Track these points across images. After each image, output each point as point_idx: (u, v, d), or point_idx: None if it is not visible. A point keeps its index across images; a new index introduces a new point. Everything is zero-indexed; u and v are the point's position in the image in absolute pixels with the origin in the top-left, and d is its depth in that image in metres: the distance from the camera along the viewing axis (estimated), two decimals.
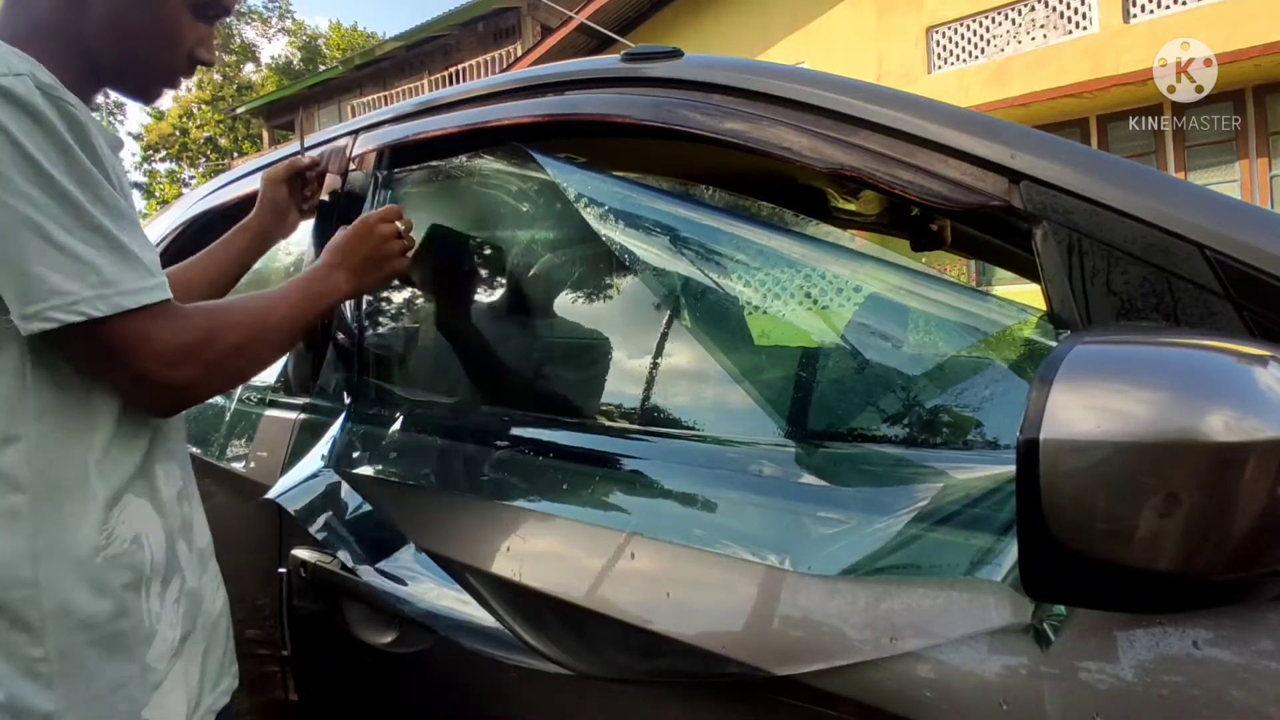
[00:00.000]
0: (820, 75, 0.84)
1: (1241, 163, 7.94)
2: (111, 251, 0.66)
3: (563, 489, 0.87)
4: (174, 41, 0.79)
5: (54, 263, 0.63)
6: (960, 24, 8.91)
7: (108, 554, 0.71)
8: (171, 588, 0.77)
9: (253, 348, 0.77)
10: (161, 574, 0.75)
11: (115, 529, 0.71)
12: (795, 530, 0.70)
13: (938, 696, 0.56)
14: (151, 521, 0.75)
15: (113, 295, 0.65)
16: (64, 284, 0.63)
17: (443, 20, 15.33)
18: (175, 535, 0.78)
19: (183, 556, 0.79)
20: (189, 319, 0.71)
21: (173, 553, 0.77)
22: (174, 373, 0.69)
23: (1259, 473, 0.44)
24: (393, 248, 0.96)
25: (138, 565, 0.73)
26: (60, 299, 0.63)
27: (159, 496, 0.77)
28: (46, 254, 0.63)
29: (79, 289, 0.64)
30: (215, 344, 0.72)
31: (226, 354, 0.74)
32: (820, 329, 0.83)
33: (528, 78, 1.08)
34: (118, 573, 0.71)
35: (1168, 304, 0.60)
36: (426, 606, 0.87)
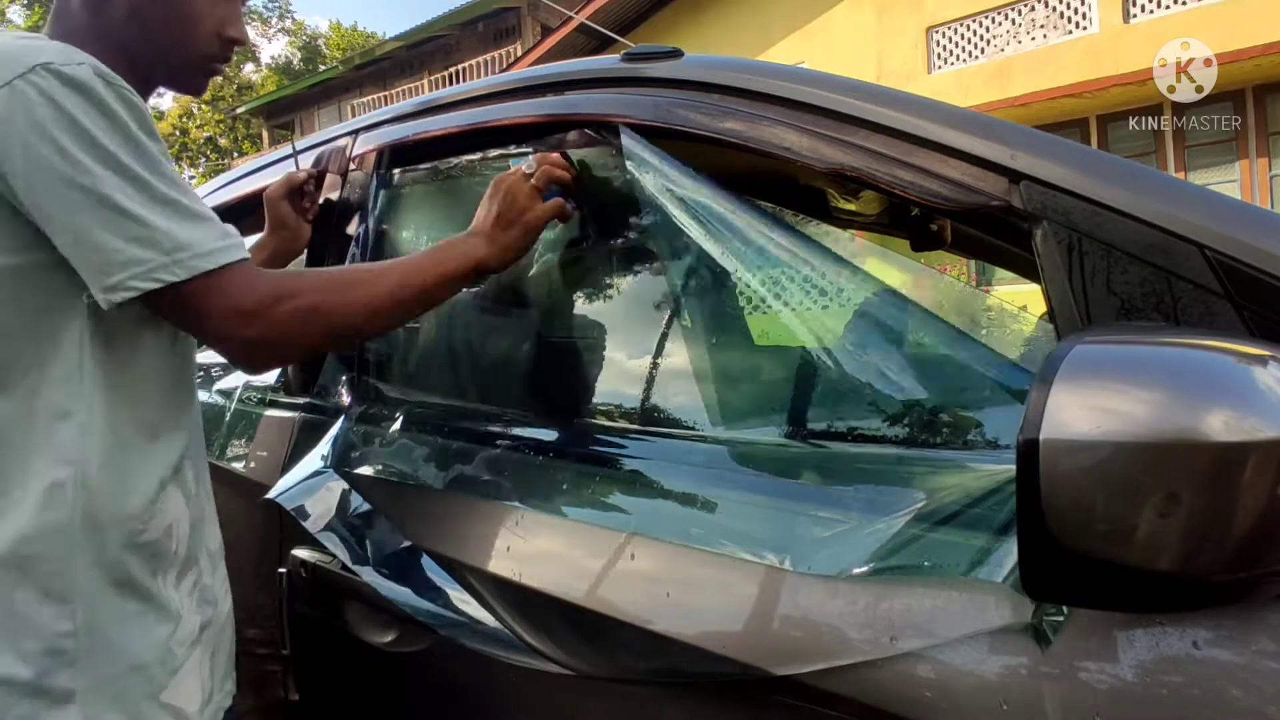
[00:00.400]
0: (820, 75, 0.84)
1: (1241, 163, 7.94)
2: (183, 218, 0.69)
3: (563, 489, 0.87)
4: (195, 24, 0.80)
5: (129, 233, 0.66)
6: (960, 24, 8.91)
7: (144, 538, 0.73)
8: (187, 580, 0.79)
9: (337, 306, 0.76)
10: (179, 566, 0.78)
11: (155, 515, 0.74)
12: (795, 530, 0.70)
13: (938, 696, 0.56)
14: (182, 513, 0.78)
15: (187, 259, 0.68)
16: (140, 253, 0.66)
17: (443, 20, 15.33)
18: (198, 530, 0.81)
19: (200, 552, 0.82)
20: (262, 279, 0.73)
21: (194, 547, 0.80)
22: (246, 330, 0.71)
23: (1259, 473, 0.44)
24: (519, 195, 0.90)
25: (164, 553, 0.75)
26: (139, 268, 0.66)
27: (189, 489, 0.80)
28: (121, 226, 0.66)
29: (155, 256, 0.66)
30: (289, 301, 0.73)
31: (302, 311, 0.74)
32: (820, 329, 0.83)
33: (528, 78, 1.08)
34: (148, 558, 0.74)
35: (1168, 304, 0.60)
36: (426, 606, 0.87)
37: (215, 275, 0.69)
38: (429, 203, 1.26)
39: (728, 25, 10.41)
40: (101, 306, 0.67)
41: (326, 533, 0.98)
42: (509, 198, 0.90)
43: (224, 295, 0.70)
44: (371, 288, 0.79)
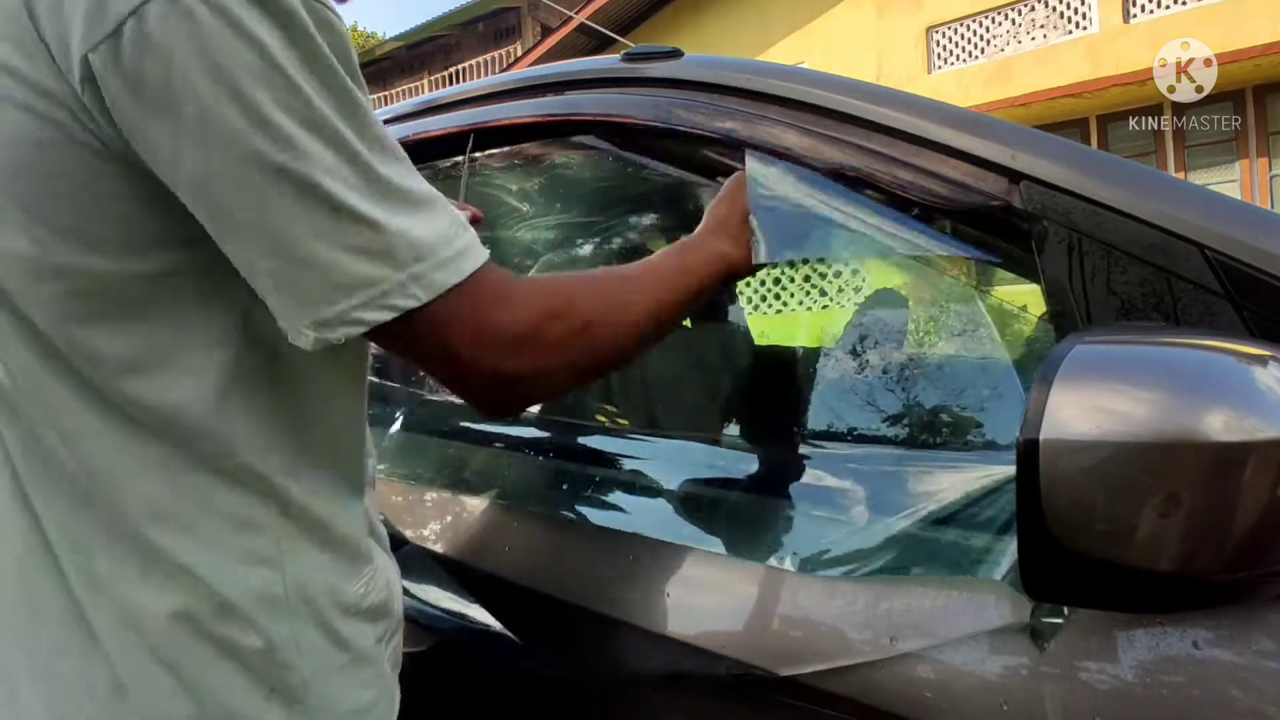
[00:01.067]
0: (820, 75, 0.84)
1: (1241, 163, 7.94)
2: (409, 207, 0.47)
3: (563, 489, 0.87)
4: None
5: (354, 240, 0.44)
6: (960, 24, 8.91)
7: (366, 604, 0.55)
8: (394, 643, 0.61)
9: (608, 326, 0.57)
10: (397, 627, 0.61)
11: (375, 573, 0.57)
12: (795, 530, 0.70)
13: (938, 696, 0.56)
14: (390, 562, 0.61)
15: (429, 272, 0.46)
16: (367, 269, 0.44)
17: (443, 20, 15.34)
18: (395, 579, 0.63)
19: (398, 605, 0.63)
20: (526, 289, 0.53)
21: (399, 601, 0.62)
22: (512, 361, 0.51)
23: (1259, 473, 0.44)
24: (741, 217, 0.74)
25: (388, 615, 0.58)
26: (366, 292, 0.45)
27: (378, 531, 0.61)
28: (338, 229, 0.44)
29: (388, 271, 0.45)
30: (562, 320, 0.53)
31: (575, 333, 0.54)
32: (820, 330, 0.83)
33: (528, 78, 1.08)
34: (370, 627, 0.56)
35: (1168, 304, 0.60)
36: (426, 607, 0.87)
37: (463, 289, 0.48)
38: None
39: (728, 25, 10.41)
40: (301, 346, 0.45)
41: None
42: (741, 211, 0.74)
43: (478, 316, 0.49)
44: (641, 300, 0.60)
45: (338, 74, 0.44)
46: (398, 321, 0.46)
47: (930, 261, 0.82)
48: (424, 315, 0.47)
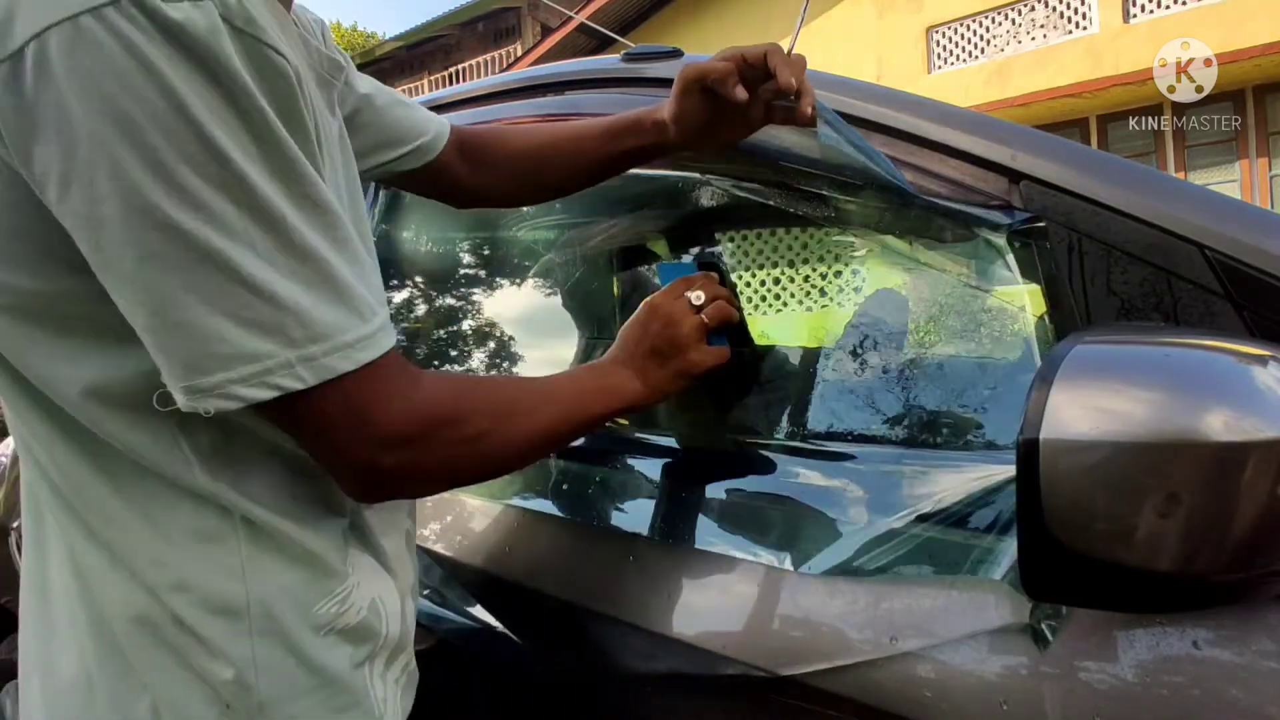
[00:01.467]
0: (820, 75, 0.84)
1: (1241, 163, 7.94)
2: (320, 282, 0.44)
3: (562, 489, 0.87)
4: None
5: (239, 311, 0.41)
6: (960, 24, 8.90)
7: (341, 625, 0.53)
8: (395, 666, 0.59)
9: (498, 439, 0.54)
10: (391, 648, 0.58)
11: (352, 591, 0.54)
12: (795, 530, 0.70)
13: (938, 696, 0.56)
14: (382, 581, 0.58)
15: (322, 356, 0.43)
16: (253, 343, 0.42)
17: (443, 20, 15.34)
18: (405, 597, 0.60)
19: (409, 624, 0.61)
20: (422, 389, 0.50)
21: (405, 620, 0.60)
22: (390, 457, 0.48)
23: (1259, 473, 0.44)
24: (683, 331, 0.69)
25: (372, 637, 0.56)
26: (247, 366, 0.42)
27: (378, 546, 0.58)
28: (229, 297, 0.41)
29: (275, 348, 0.42)
30: (452, 428, 0.51)
31: (462, 442, 0.52)
32: (820, 329, 0.83)
33: (528, 78, 1.08)
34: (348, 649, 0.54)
35: (1168, 304, 0.60)
36: (426, 607, 0.87)
37: (353, 377, 0.45)
38: (429, 203, 1.26)
39: (728, 25, 10.41)
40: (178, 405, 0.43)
41: None
42: (670, 330, 0.69)
43: (363, 407, 0.46)
44: (534, 419, 0.58)
45: (268, 125, 0.41)
46: (277, 401, 0.43)
47: (930, 261, 0.82)
48: (306, 399, 0.44)
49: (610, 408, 0.65)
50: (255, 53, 0.40)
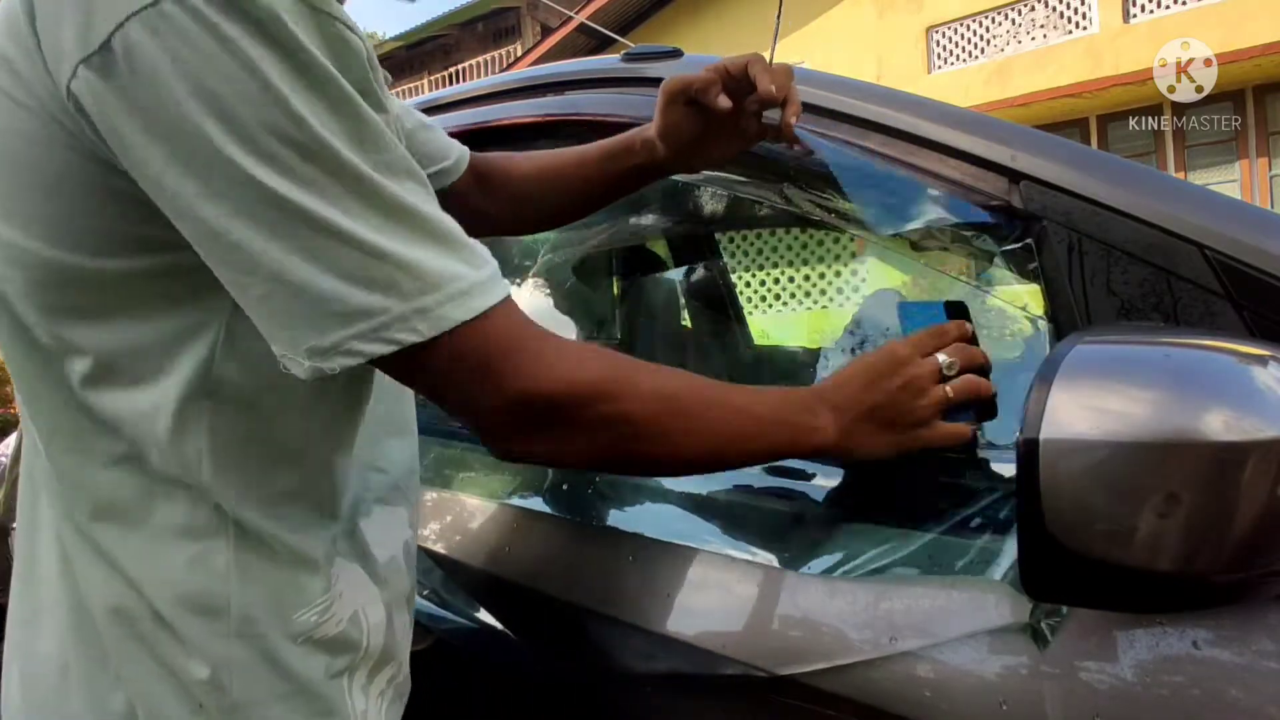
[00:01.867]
0: (820, 75, 0.84)
1: (1241, 163, 7.94)
2: (420, 235, 0.44)
3: (562, 489, 0.87)
4: None
5: (352, 267, 0.41)
6: (960, 24, 8.91)
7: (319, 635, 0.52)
8: (380, 679, 0.58)
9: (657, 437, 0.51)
10: (375, 660, 0.56)
11: (334, 603, 0.53)
12: (795, 530, 0.70)
13: (937, 696, 0.56)
14: (367, 592, 0.56)
15: (435, 307, 0.43)
16: (366, 298, 0.42)
17: (443, 20, 15.34)
18: (395, 608, 0.58)
19: (403, 637, 0.60)
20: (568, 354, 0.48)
21: (391, 633, 0.58)
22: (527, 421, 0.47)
23: (1259, 473, 0.44)
24: (923, 403, 0.60)
25: (351, 649, 0.54)
26: (365, 323, 0.42)
27: (370, 556, 0.57)
28: (335, 255, 0.41)
29: (390, 303, 0.42)
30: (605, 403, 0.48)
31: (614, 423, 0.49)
32: (820, 329, 0.83)
33: (528, 78, 1.08)
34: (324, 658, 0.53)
35: (1168, 304, 0.60)
36: (426, 607, 0.87)
37: (473, 327, 0.44)
38: None
39: (727, 25, 10.41)
40: (296, 374, 0.43)
41: None
42: (908, 397, 0.60)
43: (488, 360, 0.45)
44: (706, 422, 0.53)
45: (343, 93, 0.42)
46: (399, 355, 0.43)
47: (930, 261, 0.82)
48: (427, 353, 0.44)
49: (795, 447, 0.59)
50: (328, 29, 0.42)
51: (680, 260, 1.56)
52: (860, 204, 0.71)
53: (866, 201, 0.71)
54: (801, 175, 0.80)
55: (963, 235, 0.73)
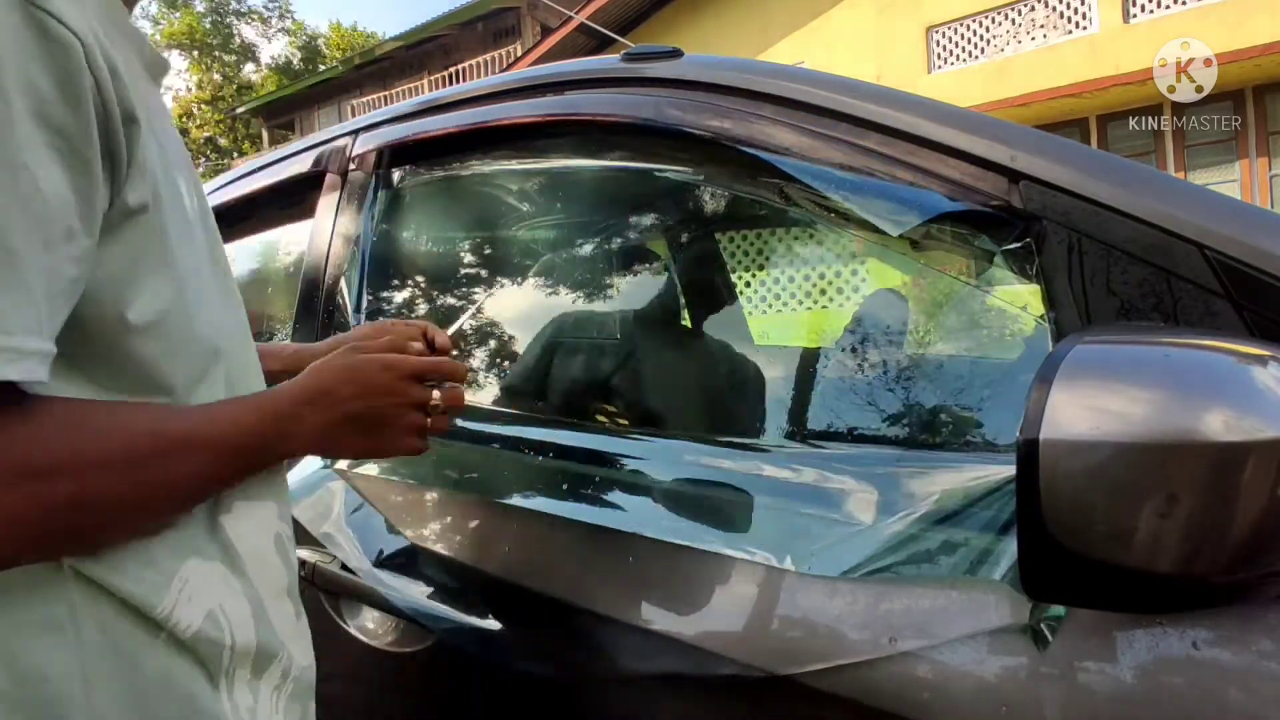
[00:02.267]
0: (820, 75, 0.84)
1: (1241, 163, 7.94)
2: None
3: (562, 489, 0.87)
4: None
5: None
6: (960, 24, 8.90)
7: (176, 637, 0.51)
8: (271, 674, 0.56)
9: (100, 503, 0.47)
10: (254, 656, 0.55)
11: (174, 611, 0.50)
12: (795, 530, 0.70)
13: (937, 697, 0.56)
14: (227, 589, 0.54)
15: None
16: None
17: (443, 20, 15.33)
18: (269, 601, 0.57)
19: (284, 628, 0.58)
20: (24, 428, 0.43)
21: (266, 626, 0.56)
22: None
23: (1259, 473, 0.44)
24: (409, 418, 0.63)
25: (215, 647, 0.52)
26: None
27: (233, 551, 0.55)
28: None
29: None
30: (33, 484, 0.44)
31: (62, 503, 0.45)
32: (821, 329, 0.83)
33: (528, 78, 1.08)
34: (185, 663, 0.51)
35: (1168, 304, 0.60)
36: (426, 607, 0.87)
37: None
38: (429, 203, 1.26)
39: (727, 25, 10.41)
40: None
41: (326, 533, 0.98)
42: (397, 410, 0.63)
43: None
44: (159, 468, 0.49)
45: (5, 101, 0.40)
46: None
47: (930, 261, 0.82)
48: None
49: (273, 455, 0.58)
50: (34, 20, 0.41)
51: (680, 259, 1.56)
52: (858, 206, 0.71)
53: (864, 204, 0.71)
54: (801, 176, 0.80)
55: (963, 235, 0.73)
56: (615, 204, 1.16)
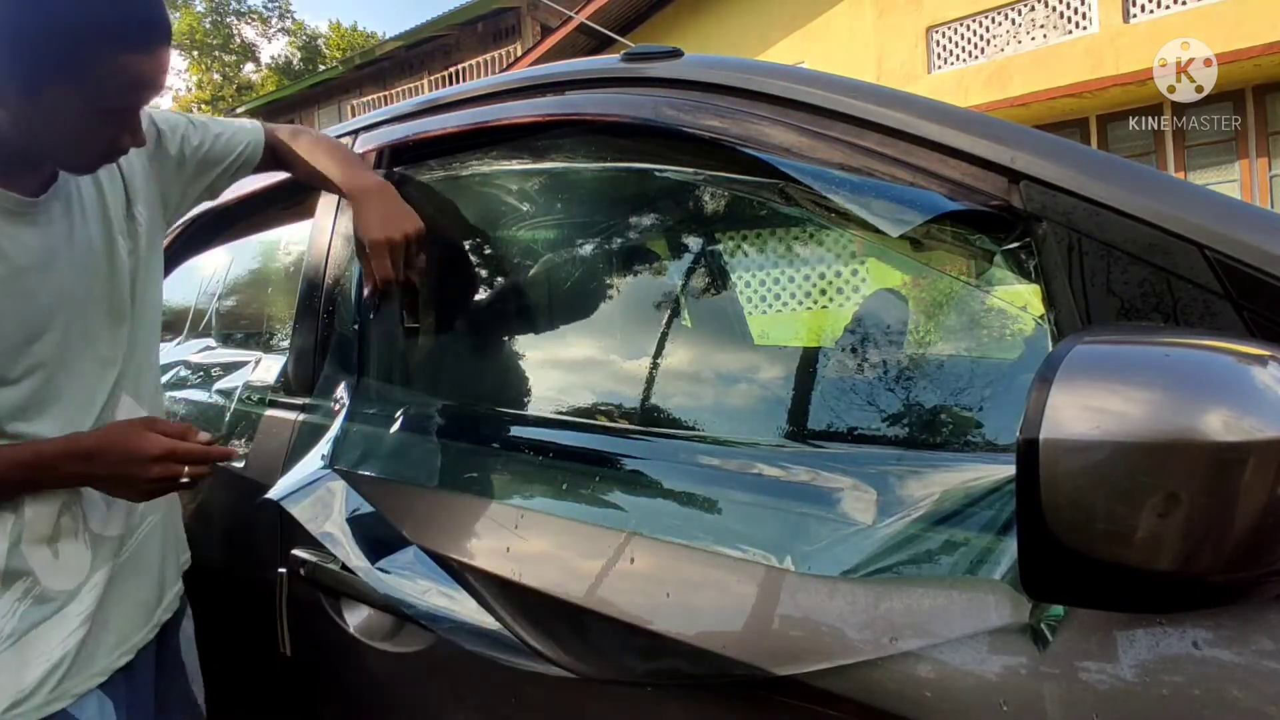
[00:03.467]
0: (820, 75, 0.84)
1: (1241, 163, 7.93)
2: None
3: (563, 489, 0.87)
4: (85, 142, 0.83)
5: None
6: (960, 24, 8.90)
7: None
8: (14, 588, 0.85)
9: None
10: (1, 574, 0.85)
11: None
12: (795, 530, 0.70)
13: (938, 696, 0.56)
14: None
15: None
16: None
17: (443, 20, 15.33)
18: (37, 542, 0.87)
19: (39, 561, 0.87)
20: None
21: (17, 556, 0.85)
22: None
23: (1259, 472, 0.44)
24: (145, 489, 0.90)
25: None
26: None
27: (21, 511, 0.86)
28: None
29: None
30: None
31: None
32: (821, 329, 0.83)
33: (528, 78, 1.08)
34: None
35: (1168, 304, 0.60)
36: (426, 606, 0.87)
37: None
38: (428, 203, 1.26)
39: (728, 25, 10.41)
40: None
41: (326, 533, 0.98)
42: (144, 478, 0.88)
43: None
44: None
45: None
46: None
47: (930, 261, 0.82)
48: None
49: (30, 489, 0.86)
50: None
51: (679, 259, 1.55)
52: (858, 206, 0.71)
53: (864, 204, 0.71)
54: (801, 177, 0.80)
55: (963, 235, 0.73)
56: (615, 204, 1.16)
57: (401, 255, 1.07)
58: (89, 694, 0.90)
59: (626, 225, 1.19)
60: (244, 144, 1.12)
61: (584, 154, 1.03)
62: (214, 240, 1.69)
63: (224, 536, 1.22)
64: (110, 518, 0.94)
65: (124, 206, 0.97)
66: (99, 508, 0.93)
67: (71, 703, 0.88)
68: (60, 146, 0.83)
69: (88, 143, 0.83)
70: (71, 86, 0.77)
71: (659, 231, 1.23)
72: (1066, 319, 0.63)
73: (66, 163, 0.87)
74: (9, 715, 0.83)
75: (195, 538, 1.17)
